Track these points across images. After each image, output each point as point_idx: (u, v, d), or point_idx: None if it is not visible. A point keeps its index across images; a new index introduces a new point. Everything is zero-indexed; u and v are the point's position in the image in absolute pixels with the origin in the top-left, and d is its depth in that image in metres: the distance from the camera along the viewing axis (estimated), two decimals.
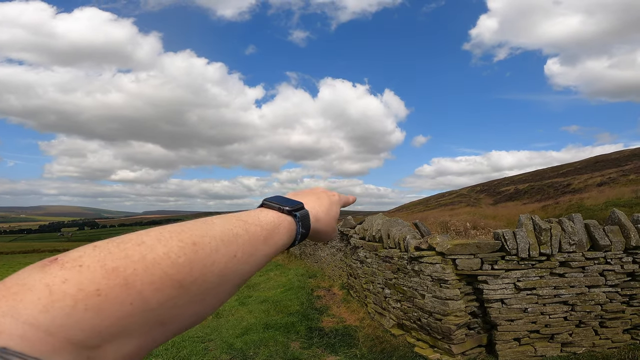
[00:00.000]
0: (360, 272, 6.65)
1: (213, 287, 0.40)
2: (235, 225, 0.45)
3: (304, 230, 0.55)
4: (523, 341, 4.24)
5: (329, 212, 0.63)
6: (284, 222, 0.52)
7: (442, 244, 4.40)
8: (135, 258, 0.35)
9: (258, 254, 0.46)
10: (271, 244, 0.49)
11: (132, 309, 0.34)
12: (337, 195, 0.69)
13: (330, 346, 5.10)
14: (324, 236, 0.63)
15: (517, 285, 4.23)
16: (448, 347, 4.27)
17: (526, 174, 50.12)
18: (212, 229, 0.42)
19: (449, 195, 51.50)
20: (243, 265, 0.43)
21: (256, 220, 0.48)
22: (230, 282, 0.42)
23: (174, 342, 5.02)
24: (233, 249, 0.42)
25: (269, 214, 0.52)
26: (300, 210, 0.55)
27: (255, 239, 0.46)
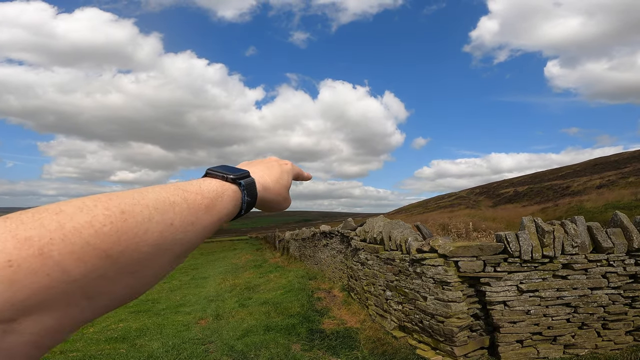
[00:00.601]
0: (361, 274, 6.63)
1: (148, 258, 0.37)
2: (173, 193, 0.42)
3: (250, 198, 0.53)
4: (526, 343, 4.22)
5: (279, 181, 0.61)
6: (227, 191, 0.50)
7: (445, 246, 4.38)
8: (51, 227, 0.32)
9: (200, 223, 0.43)
10: (214, 212, 0.46)
11: (49, 281, 0.31)
12: (289, 164, 0.67)
13: (331, 348, 5.07)
14: (274, 205, 0.61)
15: (520, 287, 4.21)
16: (450, 350, 4.24)
17: (525, 177, 50.21)
18: (145, 197, 0.39)
19: (448, 197, 51.52)
20: (182, 234, 0.41)
21: (197, 189, 0.46)
22: (168, 252, 0.39)
23: (174, 344, 4.99)
24: (169, 217, 0.40)
25: (211, 182, 0.49)
26: (245, 178, 0.53)
27: (196, 207, 0.43)
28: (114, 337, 5.58)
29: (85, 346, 5.19)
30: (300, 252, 13.52)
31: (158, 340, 5.32)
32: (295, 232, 14.92)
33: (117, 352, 4.90)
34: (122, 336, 5.64)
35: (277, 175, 0.61)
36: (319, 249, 10.71)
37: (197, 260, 19.14)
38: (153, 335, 5.66)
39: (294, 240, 14.90)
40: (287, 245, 16.05)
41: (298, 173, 0.69)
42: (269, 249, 21.71)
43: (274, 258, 15.82)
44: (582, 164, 44.18)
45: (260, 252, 20.02)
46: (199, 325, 6.20)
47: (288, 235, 16.40)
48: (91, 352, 4.85)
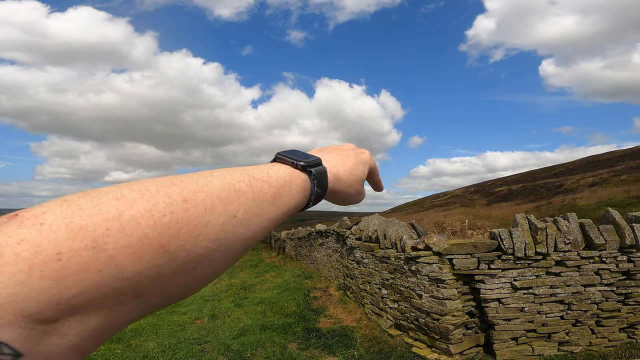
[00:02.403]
0: (356, 272, 6.65)
1: (207, 254, 0.33)
2: (239, 179, 0.38)
3: (320, 189, 0.47)
4: (520, 340, 4.26)
5: (353, 172, 0.54)
6: (296, 180, 0.44)
7: (439, 243, 4.41)
8: (109, 215, 0.28)
9: (264, 215, 0.39)
10: (280, 203, 0.41)
11: (100, 278, 0.27)
12: (367, 153, 0.59)
13: (327, 347, 5.09)
14: (345, 198, 0.54)
15: (514, 284, 4.25)
16: (446, 347, 4.27)
17: (519, 175, 50.61)
18: (210, 183, 0.35)
19: (444, 196, 51.79)
20: (245, 227, 0.36)
21: (264, 176, 0.41)
22: (229, 248, 0.35)
23: (170, 344, 4.98)
24: (233, 208, 0.35)
25: (280, 169, 0.44)
26: (317, 166, 0.47)
27: (261, 197, 0.39)
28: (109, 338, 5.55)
29: None
30: (296, 252, 13.52)
31: (154, 340, 5.30)
32: (291, 232, 14.92)
33: (112, 352, 4.87)
34: (117, 337, 5.60)
35: (351, 165, 0.55)
36: (314, 248, 10.72)
37: None
38: (148, 335, 5.64)
39: (290, 239, 14.90)
40: (283, 244, 16.05)
41: (374, 168, 0.61)
42: (265, 248, 21.68)
43: (270, 257, 15.81)
44: (575, 163, 44.62)
45: (256, 252, 19.99)
46: (194, 325, 6.19)
47: (284, 235, 16.40)
48: None
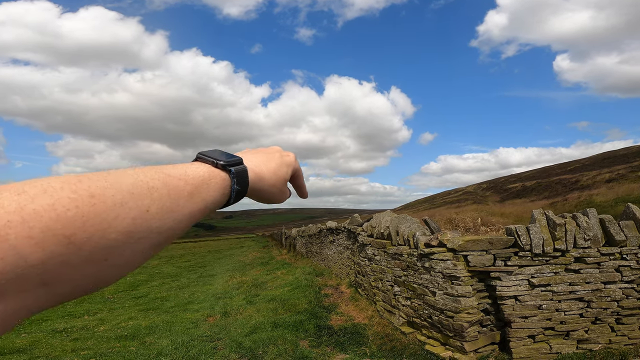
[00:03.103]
0: (368, 269, 6.59)
1: (118, 245, 0.34)
2: (153, 177, 0.39)
3: (240, 187, 0.50)
4: (538, 338, 4.16)
5: (276, 172, 0.58)
6: (216, 178, 0.47)
7: (453, 240, 4.33)
8: (10, 208, 0.30)
9: (180, 211, 0.41)
10: (198, 200, 0.43)
11: (3, 265, 0.29)
12: (292, 156, 0.63)
13: (339, 344, 5.05)
14: (269, 196, 0.58)
15: (531, 281, 4.15)
16: (460, 345, 4.20)
17: (533, 171, 49.69)
18: (120, 180, 0.36)
19: (455, 193, 51.21)
20: (159, 222, 0.38)
21: (181, 174, 0.43)
22: (143, 240, 0.37)
23: (183, 342, 5.01)
24: (145, 203, 0.37)
25: (199, 167, 0.46)
26: (237, 165, 0.50)
27: (177, 193, 0.41)
28: (124, 335, 5.61)
29: (96, 344, 5.23)
30: (306, 249, 13.51)
31: (167, 337, 5.34)
32: (302, 229, 14.92)
33: (127, 349, 4.93)
34: (132, 334, 5.67)
35: (275, 166, 0.58)
36: (325, 245, 10.69)
37: (205, 258, 19.26)
38: (162, 332, 5.69)
39: (300, 237, 14.90)
40: (294, 242, 16.07)
41: (298, 171, 0.65)
42: (276, 246, 21.76)
43: (281, 255, 15.84)
44: (590, 158, 43.62)
45: (267, 250, 20.08)
46: (207, 322, 6.22)
47: (294, 232, 16.41)
48: (102, 350, 4.88)
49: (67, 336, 5.75)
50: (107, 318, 6.98)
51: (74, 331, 6.04)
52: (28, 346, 5.10)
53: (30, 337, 5.65)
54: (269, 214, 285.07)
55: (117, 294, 9.67)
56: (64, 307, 8.08)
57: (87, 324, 6.48)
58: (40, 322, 6.68)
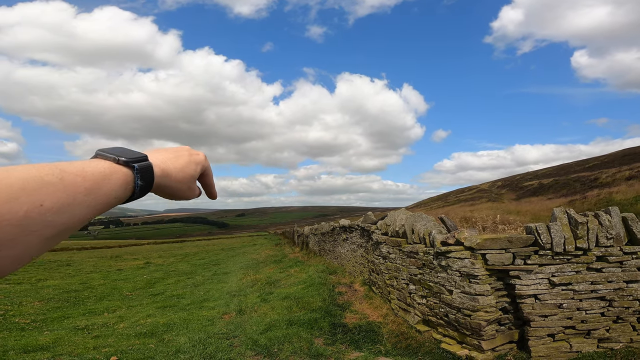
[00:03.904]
0: (383, 268, 6.57)
1: (11, 238, 0.36)
2: (47, 173, 0.41)
3: (143, 183, 0.52)
4: (557, 337, 4.09)
5: (184, 169, 0.60)
6: (117, 173, 0.49)
7: (471, 238, 4.28)
8: None
9: (77, 205, 0.43)
10: (98, 195, 0.45)
11: None
12: (202, 155, 0.66)
13: (354, 342, 5.05)
14: (177, 193, 0.60)
15: (552, 280, 4.08)
16: (477, 343, 4.15)
17: (550, 168, 48.64)
18: (11, 175, 0.38)
19: (469, 190, 50.51)
20: (54, 215, 0.40)
21: (78, 170, 0.45)
22: (37, 233, 0.39)
23: (200, 339, 5.08)
24: (39, 198, 0.39)
25: (99, 164, 0.48)
26: (140, 162, 0.52)
27: (73, 188, 0.42)
28: (142, 332, 5.71)
29: (117, 341, 5.34)
30: (319, 247, 13.53)
31: (185, 335, 5.42)
32: (315, 227, 14.94)
33: (146, 347, 5.02)
34: (151, 331, 5.77)
35: (183, 164, 0.60)
36: (338, 243, 10.69)
37: (219, 256, 19.48)
38: (180, 330, 5.77)
39: (313, 235, 14.93)
40: (307, 240, 16.11)
41: (208, 169, 0.67)
42: (288, 244, 21.85)
43: (294, 253, 15.91)
44: (609, 155, 42.41)
45: (279, 247, 20.19)
46: (223, 320, 6.29)
47: (307, 230, 16.45)
48: (122, 347, 4.98)
49: (88, 333, 5.88)
50: (126, 315, 7.13)
51: (95, 328, 6.18)
52: (51, 344, 5.23)
53: (53, 334, 5.78)
54: (282, 212, 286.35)
55: (135, 292, 9.87)
56: (84, 304, 8.28)
57: (107, 321, 6.62)
58: (62, 320, 6.85)
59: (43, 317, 6.99)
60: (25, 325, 6.40)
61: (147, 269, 15.27)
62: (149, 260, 18.87)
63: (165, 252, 26.01)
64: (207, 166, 0.67)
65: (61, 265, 17.10)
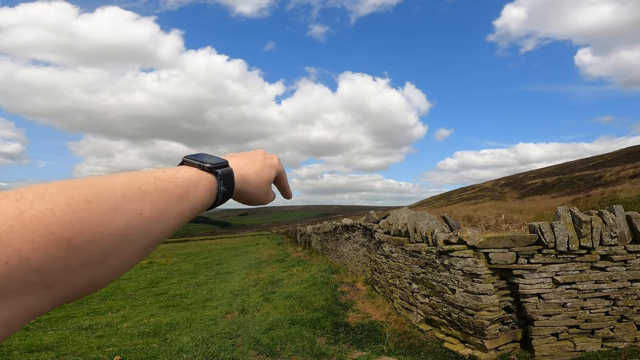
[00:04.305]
0: (385, 267, 6.56)
1: (114, 248, 0.36)
2: (144, 181, 0.41)
3: (226, 189, 0.52)
4: (561, 336, 4.08)
5: (260, 174, 0.59)
6: (203, 180, 0.49)
7: (474, 237, 4.26)
8: (11, 214, 0.31)
9: (171, 212, 0.43)
10: (187, 202, 0.45)
11: (7, 269, 0.30)
12: (276, 159, 0.65)
13: (356, 342, 5.05)
14: (253, 198, 0.59)
15: (556, 279, 4.06)
16: (480, 343, 4.14)
17: (554, 167, 48.40)
18: (113, 185, 0.38)
19: (472, 189, 50.37)
20: (152, 223, 0.40)
21: (170, 177, 0.45)
22: (137, 242, 0.39)
23: (203, 339, 5.09)
24: (138, 206, 0.39)
25: (187, 171, 0.48)
26: (223, 167, 0.52)
27: (167, 196, 0.42)
28: (146, 332, 5.73)
29: (120, 341, 5.36)
30: (322, 246, 13.53)
31: (187, 334, 5.44)
32: (317, 226, 14.94)
33: (150, 346, 5.03)
34: (154, 331, 5.79)
35: (258, 168, 0.60)
36: (341, 242, 10.69)
37: (221, 256, 19.52)
38: (183, 329, 5.79)
39: (315, 234, 14.94)
40: (309, 239, 16.12)
41: (282, 173, 0.66)
42: (291, 243, 21.87)
43: (296, 252, 15.92)
44: (613, 154, 42.16)
45: (282, 247, 20.20)
46: (225, 319, 6.30)
47: (309, 230, 16.45)
48: (126, 347, 5.00)
49: (92, 333, 5.91)
50: (130, 315, 7.15)
51: (99, 328, 6.20)
52: (55, 343, 5.25)
53: (57, 334, 5.82)
54: (284, 211, 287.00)
55: (138, 291, 9.90)
56: (88, 304, 8.32)
57: (111, 321, 6.65)
58: (66, 320, 6.89)
59: (47, 317, 7.03)
60: (30, 325, 6.44)
61: (151, 268, 15.32)
62: (152, 259, 18.93)
63: (168, 251, 26.10)
64: (281, 169, 0.66)
65: None
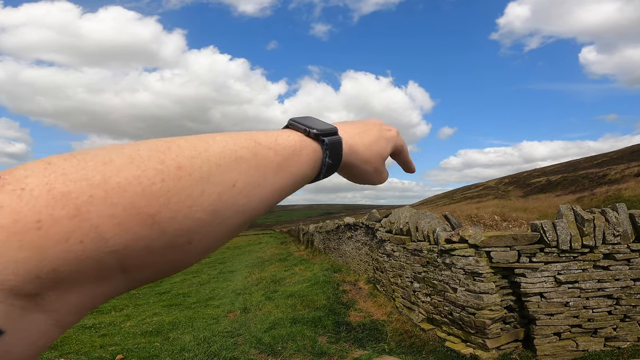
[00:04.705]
0: (387, 265, 6.55)
1: (203, 226, 0.30)
2: (242, 145, 0.34)
3: (332, 161, 0.43)
4: (564, 336, 4.06)
5: (372, 147, 0.49)
6: (307, 148, 0.40)
7: (475, 236, 4.24)
8: (95, 181, 0.25)
9: (267, 186, 0.35)
10: (286, 173, 0.37)
11: (83, 249, 0.24)
12: (394, 130, 0.54)
13: (357, 341, 5.05)
14: (361, 174, 0.49)
15: (558, 278, 4.05)
16: (482, 342, 4.12)
17: (559, 165, 48.13)
18: (209, 148, 0.32)
19: (476, 187, 50.19)
20: (245, 198, 0.33)
21: (272, 142, 0.37)
22: (227, 221, 0.32)
23: (205, 337, 5.11)
24: (232, 177, 0.32)
25: (290, 135, 0.40)
26: (331, 135, 0.42)
27: (265, 165, 0.35)
28: (148, 331, 5.76)
29: (123, 340, 5.39)
30: (324, 245, 13.54)
31: (190, 333, 5.46)
32: (320, 225, 14.95)
33: (152, 345, 5.06)
34: (157, 329, 5.82)
35: (372, 140, 0.49)
36: (343, 241, 10.69)
37: (224, 254, 19.58)
38: (185, 328, 5.82)
39: (318, 233, 14.95)
40: (312, 238, 16.13)
41: (401, 147, 0.56)
42: (294, 242, 21.89)
43: (299, 251, 15.93)
44: (619, 152, 41.85)
45: (284, 246, 20.23)
46: (227, 318, 6.33)
47: (312, 228, 16.47)
48: (129, 346, 5.03)
49: (95, 332, 5.95)
50: (133, 314, 7.20)
51: (102, 327, 6.24)
52: (59, 342, 5.27)
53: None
54: (287, 210, 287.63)
55: (141, 290, 9.95)
56: None
57: (114, 320, 6.69)
58: None
59: None
60: None
61: None
62: None
63: None
64: (401, 143, 0.56)
65: None
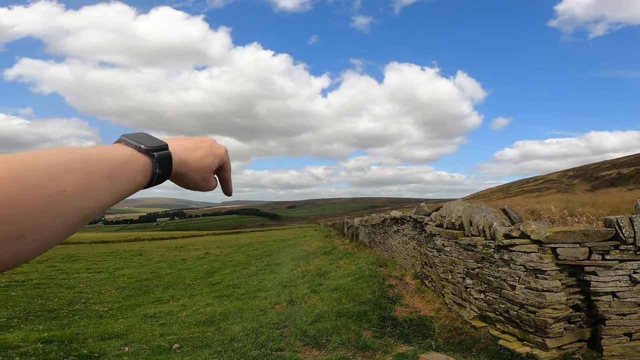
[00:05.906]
0: (437, 260, 6.26)
1: (36, 224, 0.37)
2: (71, 159, 0.42)
3: (161, 171, 0.53)
4: (635, 336, 3.75)
5: (202, 160, 0.61)
6: (137, 162, 0.50)
7: (539, 231, 3.90)
8: None
9: (99, 190, 0.44)
10: (118, 181, 0.46)
11: None
12: (222, 148, 0.66)
13: (403, 336, 4.88)
14: (191, 183, 0.61)
15: (633, 277, 3.68)
16: (541, 341, 3.83)
17: (631, 157, 43.20)
18: (38, 161, 0.39)
19: (534, 181, 46.74)
20: (76, 201, 0.41)
21: (102, 155, 0.46)
22: (61, 218, 0.40)
23: (253, 328, 5.22)
24: (60, 184, 0.40)
25: (121, 150, 0.50)
26: (161, 150, 0.53)
27: (95, 175, 0.44)
28: (202, 321, 6.01)
29: (180, 329, 5.66)
30: (369, 239, 13.34)
31: (239, 324, 5.61)
32: (365, 219, 14.75)
33: (205, 335, 5.27)
34: (209, 320, 6.06)
35: (202, 155, 0.61)
36: (389, 235, 10.44)
37: (271, 247, 20.09)
38: (234, 319, 5.99)
39: (363, 226, 14.76)
40: (356, 231, 15.98)
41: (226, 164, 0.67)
42: (338, 235, 21.88)
43: (343, 245, 15.88)
44: None
45: (329, 239, 20.29)
46: (274, 310, 6.43)
47: (357, 222, 16.31)
48: (184, 335, 5.27)
49: (156, 321, 6.29)
50: (189, 304, 7.56)
51: (162, 316, 6.61)
52: (124, 331, 5.61)
53: (127, 322, 6.24)
54: (331, 203, 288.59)
55: (196, 281, 10.48)
56: (153, 292, 8.93)
57: (172, 310, 7.06)
58: (134, 308, 7.40)
59: (118, 305, 7.63)
60: (104, 313, 7.04)
61: (207, 259, 16.18)
62: (208, 250, 20.01)
63: (222, 243, 27.43)
64: (226, 160, 0.67)
65: (134, 255, 18.75)
